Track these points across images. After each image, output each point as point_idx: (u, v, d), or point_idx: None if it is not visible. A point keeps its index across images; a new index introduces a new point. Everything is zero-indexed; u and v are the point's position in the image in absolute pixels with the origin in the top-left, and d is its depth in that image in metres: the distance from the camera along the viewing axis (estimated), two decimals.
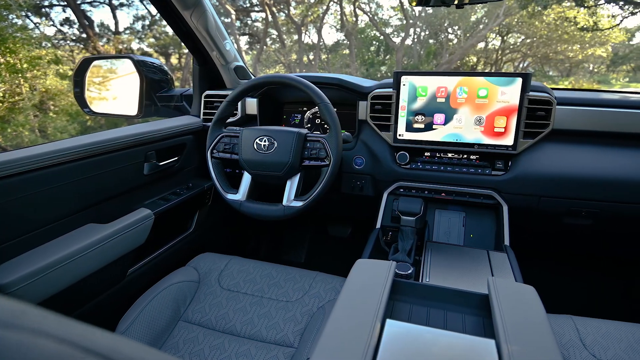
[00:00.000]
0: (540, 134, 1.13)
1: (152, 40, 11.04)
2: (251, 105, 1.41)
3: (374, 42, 12.85)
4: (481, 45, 12.21)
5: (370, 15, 12.16)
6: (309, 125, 1.47)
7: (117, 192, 1.08)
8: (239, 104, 1.39)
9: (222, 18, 11.19)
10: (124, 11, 12.49)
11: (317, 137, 1.06)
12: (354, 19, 12.10)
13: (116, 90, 1.72)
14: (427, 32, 12.73)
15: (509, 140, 1.13)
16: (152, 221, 1.12)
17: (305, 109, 1.47)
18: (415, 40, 12.79)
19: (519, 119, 1.11)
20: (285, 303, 0.99)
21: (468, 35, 12.00)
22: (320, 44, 12.48)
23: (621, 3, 10.27)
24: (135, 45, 10.80)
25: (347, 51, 12.52)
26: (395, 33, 12.60)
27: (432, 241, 1.19)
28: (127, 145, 1.08)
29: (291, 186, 1.06)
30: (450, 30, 12.51)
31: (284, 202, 1.05)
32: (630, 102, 1.16)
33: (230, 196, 1.10)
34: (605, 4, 10.55)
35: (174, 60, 11.30)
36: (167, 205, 1.20)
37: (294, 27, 11.80)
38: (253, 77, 1.32)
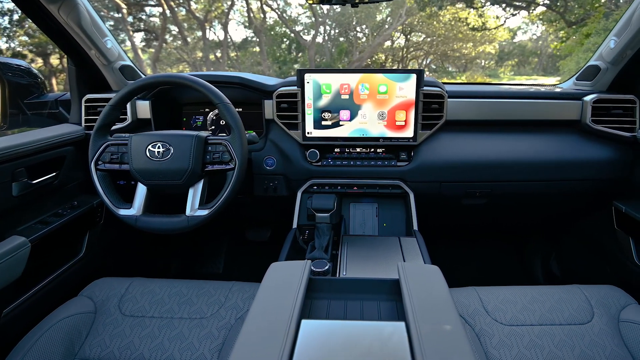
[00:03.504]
0: (436, 125, 1.28)
1: (24, 38, 9.62)
2: (143, 108, 1.33)
3: (285, 40, 13.01)
4: (388, 43, 13.21)
5: (279, 12, 12.28)
6: (213, 127, 1.43)
7: None
8: (128, 107, 1.30)
9: (112, 13, 10.28)
10: None
11: (219, 140, 1.04)
12: (262, 15, 12.10)
13: None
14: (337, 31, 13.32)
15: (409, 132, 1.26)
16: (29, 250, 1.00)
17: (207, 110, 1.43)
18: (326, 38, 13.30)
19: (417, 112, 1.24)
20: (199, 320, 0.95)
21: (375, 34, 12.88)
22: (228, 41, 12.21)
23: (504, 5, 12.05)
24: (2, 44, 9.31)
25: (257, 49, 12.46)
26: (306, 31, 12.94)
27: (349, 234, 1.26)
28: None
29: (194, 194, 1.03)
30: (358, 28, 13.27)
31: (188, 212, 1.01)
32: (509, 93, 1.37)
33: (123, 212, 1.02)
34: (491, 5, 12.28)
35: (54, 60, 9.99)
36: (46, 230, 1.07)
37: (197, 23, 11.34)
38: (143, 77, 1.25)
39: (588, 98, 1.31)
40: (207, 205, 1.02)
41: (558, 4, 11.03)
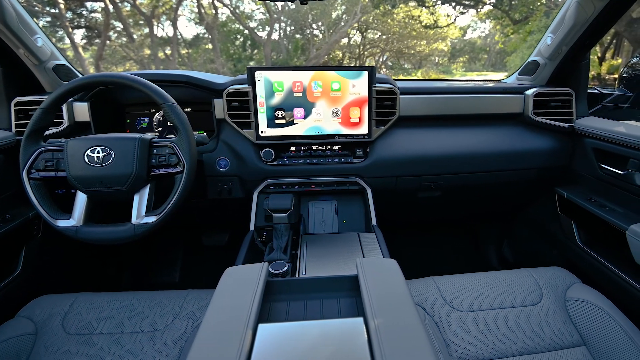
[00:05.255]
0: (390, 121, 1.31)
1: None
2: (81, 110, 1.25)
3: (239, 37, 12.80)
4: (345, 40, 13.39)
5: (231, 8, 12.05)
6: (160, 128, 1.38)
7: None
8: (64, 110, 1.22)
9: (48, 8, 9.56)
10: None
11: (165, 142, 1.00)
12: (213, 11, 11.81)
13: None
14: (292, 27, 13.30)
15: (364, 129, 1.28)
16: None
17: (153, 110, 1.38)
18: (282, 35, 13.24)
19: (370, 109, 1.26)
20: (152, 333, 0.92)
21: (331, 31, 13.00)
22: (178, 37, 11.79)
23: (453, 4, 12.64)
24: None
25: (210, 45, 12.14)
26: (260, 27, 12.81)
27: (308, 233, 1.26)
28: None
29: (140, 200, 0.98)
30: (314, 25, 13.34)
31: (134, 220, 0.96)
32: (458, 89, 1.44)
33: (61, 223, 0.95)
34: (441, 4, 12.83)
35: None
36: None
37: (144, 18, 10.86)
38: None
39: (529, 92, 1.41)
40: (155, 212, 0.97)
41: (503, 2, 11.72)
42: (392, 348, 0.53)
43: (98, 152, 0.95)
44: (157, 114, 1.37)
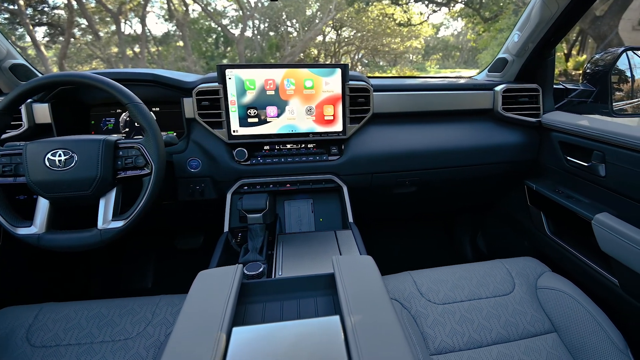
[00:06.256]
0: (364, 119, 1.32)
1: None
2: (42, 112, 1.19)
3: (211, 34, 12.59)
4: (320, 38, 13.41)
5: (202, 5, 11.83)
6: (127, 129, 1.34)
7: None
8: (23, 112, 1.16)
9: (6, 4, 9.10)
10: None
11: (131, 143, 0.97)
12: (184, 8, 11.57)
13: None
14: (266, 25, 13.20)
15: (338, 126, 1.28)
16: None
17: (119, 110, 1.33)
18: (256, 32, 13.12)
19: (344, 106, 1.27)
20: (124, 342, 0.89)
21: (306, 28, 12.98)
22: (147, 35, 11.48)
23: (426, 2, 12.88)
24: None
25: (181, 43, 11.88)
26: (233, 24, 12.64)
27: (284, 233, 1.25)
28: None
29: (106, 204, 0.94)
30: (289, 23, 13.28)
31: (100, 225, 0.93)
32: (431, 86, 1.46)
33: (22, 230, 0.91)
34: (414, 2, 13.05)
35: None
36: None
37: (110, 15, 10.51)
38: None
39: (498, 88, 1.45)
40: (122, 216, 0.94)
41: (474, 0, 12.03)
42: (368, 345, 0.53)
43: (60, 156, 0.91)
44: (124, 114, 1.33)
